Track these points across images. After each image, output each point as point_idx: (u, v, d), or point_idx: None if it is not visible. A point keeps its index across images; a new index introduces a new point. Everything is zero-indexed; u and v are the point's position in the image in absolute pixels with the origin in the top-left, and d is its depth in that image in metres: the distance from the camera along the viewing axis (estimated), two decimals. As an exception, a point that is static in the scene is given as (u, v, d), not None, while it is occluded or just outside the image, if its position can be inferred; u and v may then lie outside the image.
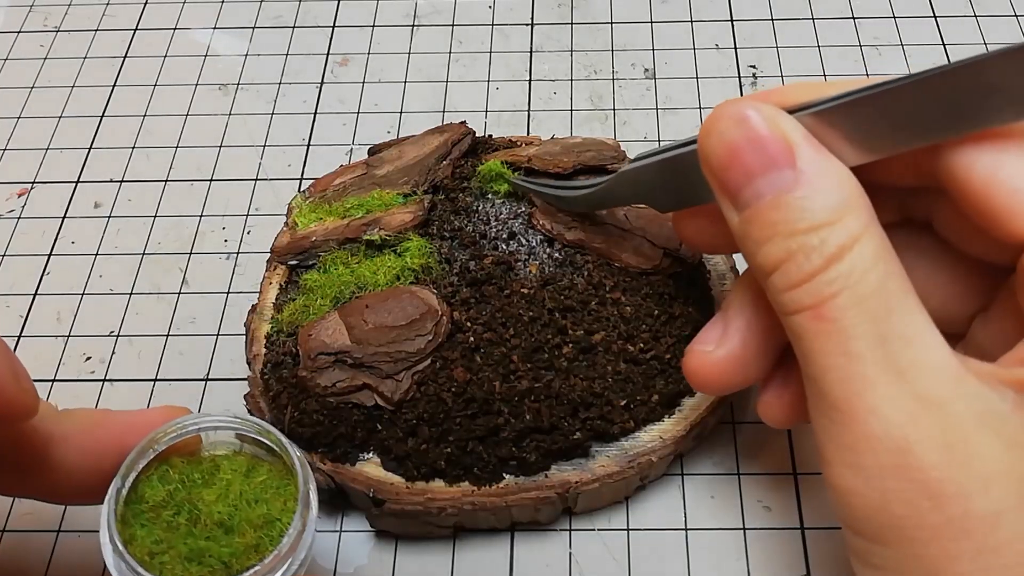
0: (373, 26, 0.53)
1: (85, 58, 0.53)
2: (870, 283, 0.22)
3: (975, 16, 0.51)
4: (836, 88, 0.24)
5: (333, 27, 0.53)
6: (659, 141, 0.47)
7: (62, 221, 0.46)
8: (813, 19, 0.52)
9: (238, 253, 0.44)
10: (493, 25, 0.53)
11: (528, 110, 0.49)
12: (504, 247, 0.38)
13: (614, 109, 0.49)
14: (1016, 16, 0.51)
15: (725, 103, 0.25)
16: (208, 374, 0.40)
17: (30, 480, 0.28)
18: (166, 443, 0.28)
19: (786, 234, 0.23)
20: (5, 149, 0.49)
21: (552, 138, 0.42)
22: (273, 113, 0.49)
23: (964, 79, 0.22)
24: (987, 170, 0.23)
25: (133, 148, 0.48)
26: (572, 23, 0.53)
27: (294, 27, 0.53)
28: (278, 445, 0.28)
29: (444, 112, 0.49)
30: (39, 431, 0.27)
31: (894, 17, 0.52)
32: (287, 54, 0.52)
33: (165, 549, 0.27)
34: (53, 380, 0.40)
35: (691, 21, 0.52)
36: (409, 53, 0.52)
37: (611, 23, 0.53)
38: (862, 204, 0.23)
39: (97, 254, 0.44)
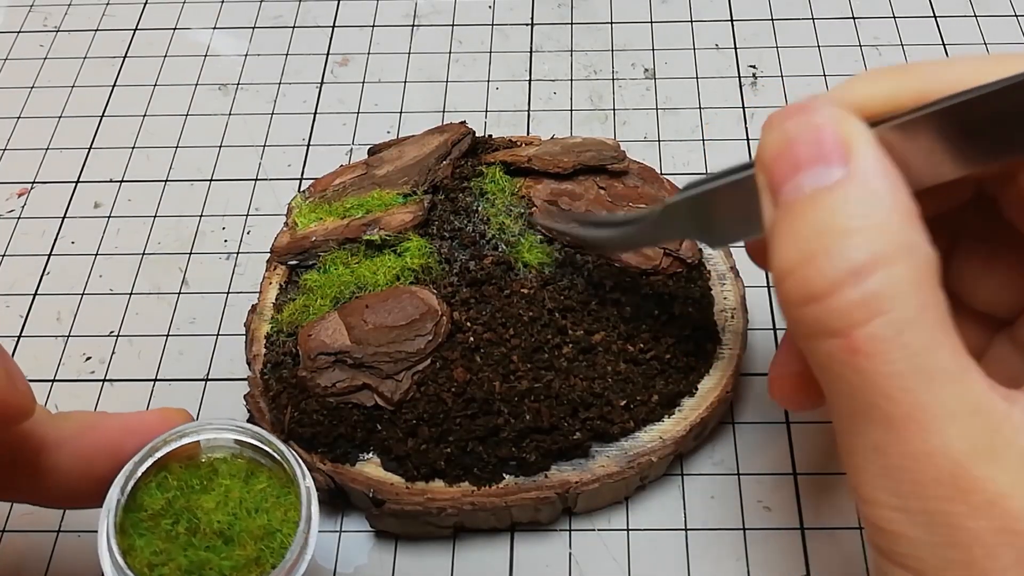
0: (373, 26, 0.53)
1: (85, 58, 0.53)
2: (908, 310, 0.20)
3: (975, 16, 0.51)
4: (939, 75, 0.22)
5: (333, 27, 0.53)
6: (659, 141, 0.47)
7: (62, 221, 0.46)
8: (813, 19, 0.52)
9: (238, 253, 0.44)
10: (493, 25, 0.53)
11: (528, 110, 0.49)
12: (504, 247, 0.38)
13: (614, 109, 0.49)
14: (1016, 16, 0.51)
15: (808, 98, 0.23)
16: (208, 374, 0.40)
17: (23, 484, 0.27)
18: (165, 451, 0.28)
19: (813, 233, 0.21)
20: (5, 149, 0.49)
21: (552, 138, 0.42)
22: (273, 113, 0.49)
23: None
24: None
25: (133, 148, 0.48)
26: (572, 23, 0.53)
27: (294, 27, 0.53)
28: (280, 455, 0.28)
29: (444, 112, 0.49)
30: (33, 435, 0.27)
31: (894, 17, 0.52)
32: (287, 54, 0.52)
33: (165, 560, 0.26)
34: (53, 380, 0.40)
35: (691, 21, 0.52)
36: (409, 53, 0.52)
37: (611, 23, 0.53)
38: (912, 223, 0.21)
39: (97, 254, 0.44)
